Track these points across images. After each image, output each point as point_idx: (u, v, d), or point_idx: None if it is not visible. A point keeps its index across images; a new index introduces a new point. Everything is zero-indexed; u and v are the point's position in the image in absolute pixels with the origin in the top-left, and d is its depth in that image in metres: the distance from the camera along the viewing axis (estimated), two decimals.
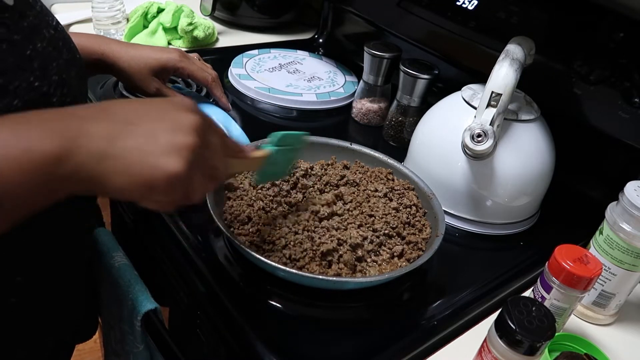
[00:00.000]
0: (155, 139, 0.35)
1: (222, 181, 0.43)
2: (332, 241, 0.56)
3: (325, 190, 0.65)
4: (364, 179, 0.68)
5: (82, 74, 0.49)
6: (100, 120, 0.35)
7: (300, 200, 0.62)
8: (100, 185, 0.34)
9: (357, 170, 0.69)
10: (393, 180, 0.68)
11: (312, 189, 0.65)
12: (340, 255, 0.55)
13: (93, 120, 0.35)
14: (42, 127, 0.33)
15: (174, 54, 0.68)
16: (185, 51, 1.05)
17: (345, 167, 0.70)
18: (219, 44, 1.13)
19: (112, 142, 0.34)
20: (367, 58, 0.86)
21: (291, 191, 0.64)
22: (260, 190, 0.63)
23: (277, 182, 0.65)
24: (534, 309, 0.44)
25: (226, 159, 0.43)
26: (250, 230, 0.57)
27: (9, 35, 0.38)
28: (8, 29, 0.38)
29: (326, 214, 0.60)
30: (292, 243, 0.56)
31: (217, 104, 0.77)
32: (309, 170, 0.67)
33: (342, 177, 0.67)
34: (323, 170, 0.68)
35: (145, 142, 0.35)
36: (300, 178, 0.66)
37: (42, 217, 0.41)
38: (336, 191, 0.64)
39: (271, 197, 0.61)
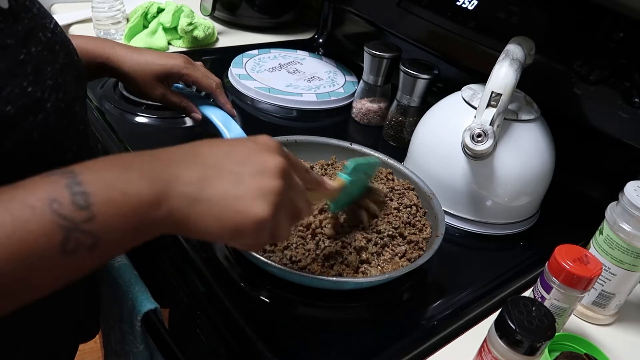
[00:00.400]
0: (243, 183, 0.36)
1: (305, 218, 0.45)
2: (336, 244, 0.56)
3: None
4: None
5: (80, 77, 0.48)
6: (191, 164, 0.36)
7: None
8: (188, 228, 0.35)
9: None
10: (393, 180, 0.68)
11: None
12: (345, 258, 0.55)
13: (184, 165, 0.36)
14: (140, 172, 0.34)
15: (179, 61, 0.68)
16: (185, 52, 1.06)
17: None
18: (219, 44, 1.13)
19: (202, 186, 0.35)
20: (367, 58, 0.86)
21: None
22: None
23: None
24: (534, 309, 0.44)
25: (307, 195, 0.44)
26: None
27: (1, 40, 0.38)
28: (1, 33, 0.38)
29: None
30: (294, 245, 0.56)
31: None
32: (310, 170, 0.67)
33: None
34: (323, 170, 0.68)
35: (233, 186, 0.36)
36: None
37: None
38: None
39: None
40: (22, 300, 0.32)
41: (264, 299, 0.54)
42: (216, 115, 0.71)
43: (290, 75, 0.99)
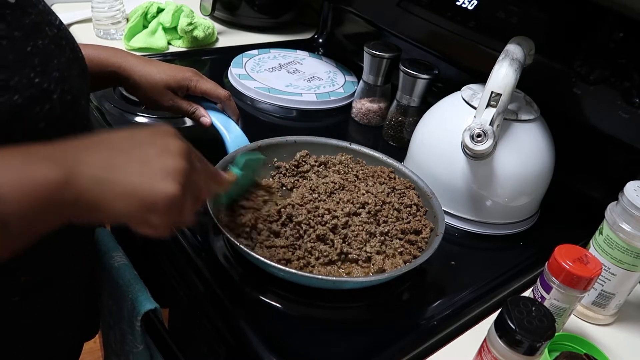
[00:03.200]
0: (149, 163, 0.38)
1: (204, 202, 0.48)
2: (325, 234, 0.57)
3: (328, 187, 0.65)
4: (366, 178, 0.68)
5: (84, 74, 0.49)
6: (96, 150, 0.37)
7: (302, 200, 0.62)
8: (101, 210, 0.36)
9: (360, 170, 0.69)
10: (394, 179, 0.68)
11: (314, 185, 0.65)
12: (336, 248, 0.56)
13: (89, 150, 0.37)
14: (45, 158, 0.35)
15: (189, 73, 0.69)
16: (185, 51, 1.06)
17: (346, 167, 0.70)
18: (219, 44, 1.13)
19: (109, 168, 0.36)
20: (367, 58, 0.86)
21: (293, 190, 0.64)
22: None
23: (278, 183, 0.65)
24: (533, 309, 0.44)
25: (208, 181, 0.46)
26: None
27: (9, 32, 0.39)
28: (9, 25, 0.39)
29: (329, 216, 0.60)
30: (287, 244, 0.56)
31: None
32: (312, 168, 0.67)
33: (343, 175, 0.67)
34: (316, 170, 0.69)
35: (141, 167, 0.37)
36: (301, 179, 0.66)
37: None
38: (339, 194, 0.64)
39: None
40: None
41: (263, 298, 0.54)
42: (216, 117, 0.72)
43: (290, 75, 0.99)
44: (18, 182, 0.33)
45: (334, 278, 0.53)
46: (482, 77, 0.65)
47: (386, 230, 0.60)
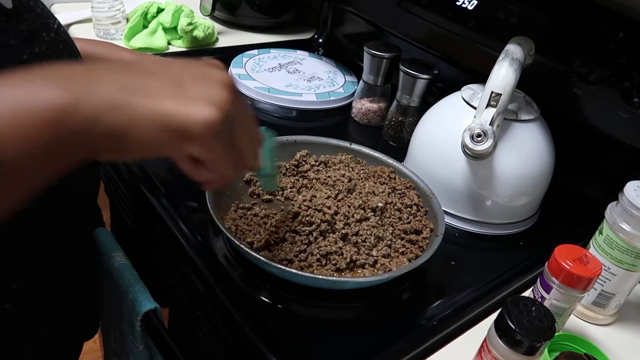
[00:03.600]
0: (185, 87, 0.31)
1: (249, 165, 0.39)
2: (336, 242, 0.56)
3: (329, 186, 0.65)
4: (366, 178, 0.68)
5: None
6: (118, 71, 0.31)
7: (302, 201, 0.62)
8: (124, 138, 0.30)
9: (361, 170, 0.69)
10: (395, 179, 0.68)
11: (315, 185, 0.65)
12: (345, 257, 0.56)
13: (110, 71, 0.31)
14: (47, 78, 0.29)
15: None
16: (185, 51, 1.06)
17: (347, 166, 0.70)
18: (219, 44, 1.13)
19: (131, 90, 0.30)
20: (366, 58, 0.86)
21: (293, 189, 0.64)
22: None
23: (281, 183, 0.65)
24: (533, 309, 0.44)
25: (255, 128, 0.39)
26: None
27: (6, 40, 0.37)
28: (5, 33, 0.38)
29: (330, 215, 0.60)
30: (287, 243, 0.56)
31: None
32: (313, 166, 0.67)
33: (343, 175, 0.67)
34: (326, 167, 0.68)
35: (173, 90, 0.31)
36: (301, 178, 0.66)
37: (40, 220, 0.41)
38: (340, 195, 0.64)
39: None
40: None
41: (264, 299, 0.54)
42: None
43: (290, 75, 0.99)
44: (12, 110, 0.27)
45: (334, 278, 0.53)
46: (482, 77, 0.65)
47: (390, 232, 0.60)
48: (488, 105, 0.62)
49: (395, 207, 0.63)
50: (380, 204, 0.61)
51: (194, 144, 0.31)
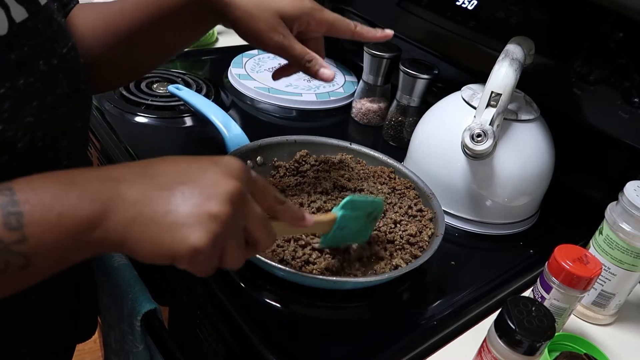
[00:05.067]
0: (184, 206, 0.34)
1: (266, 249, 0.41)
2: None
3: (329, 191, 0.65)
4: (366, 177, 0.68)
5: (82, 109, 0.45)
6: (137, 183, 0.34)
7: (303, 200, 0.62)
8: (127, 251, 0.34)
9: (361, 170, 0.69)
10: (395, 179, 0.68)
11: (314, 184, 0.65)
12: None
13: (130, 184, 0.34)
14: (81, 191, 0.33)
15: (308, 2, 0.54)
16: (185, 51, 1.06)
17: (346, 166, 0.70)
18: (219, 44, 1.13)
19: (142, 208, 0.33)
20: (366, 58, 0.86)
21: (294, 188, 0.64)
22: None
23: (280, 181, 0.65)
24: (533, 309, 0.44)
25: (269, 227, 0.40)
26: None
27: None
28: None
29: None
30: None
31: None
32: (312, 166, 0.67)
33: (343, 175, 0.67)
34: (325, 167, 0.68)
35: (174, 209, 0.34)
36: (300, 178, 0.66)
37: None
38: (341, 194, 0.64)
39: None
40: None
41: (263, 299, 0.54)
42: (216, 115, 0.72)
43: None
44: (43, 219, 0.31)
45: (334, 278, 0.53)
46: (482, 77, 0.65)
47: (387, 230, 0.60)
48: (488, 105, 0.62)
49: (395, 207, 0.63)
50: (392, 215, 0.61)
51: (183, 264, 0.35)
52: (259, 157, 0.67)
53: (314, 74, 0.54)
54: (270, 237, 0.40)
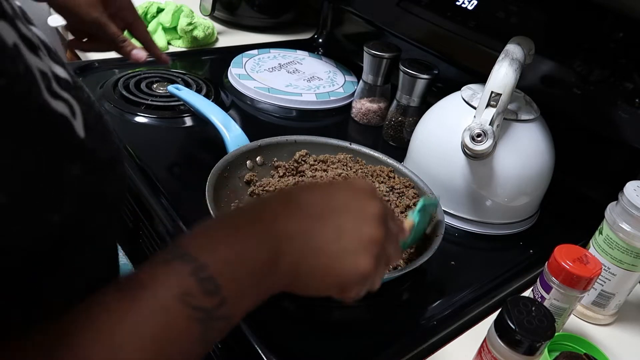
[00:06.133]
0: (344, 235, 0.35)
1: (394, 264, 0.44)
2: None
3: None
4: (365, 176, 0.68)
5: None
6: (294, 217, 0.35)
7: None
8: (294, 286, 0.35)
9: (360, 169, 0.69)
10: (394, 178, 0.68)
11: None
12: None
13: (287, 218, 0.35)
14: (250, 236, 0.33)
15: None
16: (185, 51, 1.06)
17: (345, 165, 0.70)
18: (219, 44, 1.13)
19: (307, 241, 0.34)
20: (366, 58, 0.86)
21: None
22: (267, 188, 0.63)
23: (279, 180, 0.65)
24: (533, 309, 0.44)
25: (398, 243, 0.42)
26: None
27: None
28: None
29: None
30: None
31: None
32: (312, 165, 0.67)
33: (340, 174, 0.67)
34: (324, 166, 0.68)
35: (335, 239, 0.35)
36: (300, 178, 0.66)
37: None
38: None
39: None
40: None
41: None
42: (216, 116, 0.71)
43: (289, 75, 0.99)
44: (234, 276, 0.31)
45: None
46: (482, 77, 0.65)
47: None
48: (488, 105, 0.62)
49: (395, 209, 0.63)
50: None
51: (349, 292, 0.36)
52: (259, 157, 0.67)
53: (127, 54, 0.60)
54: (400, 253, 0.42)
